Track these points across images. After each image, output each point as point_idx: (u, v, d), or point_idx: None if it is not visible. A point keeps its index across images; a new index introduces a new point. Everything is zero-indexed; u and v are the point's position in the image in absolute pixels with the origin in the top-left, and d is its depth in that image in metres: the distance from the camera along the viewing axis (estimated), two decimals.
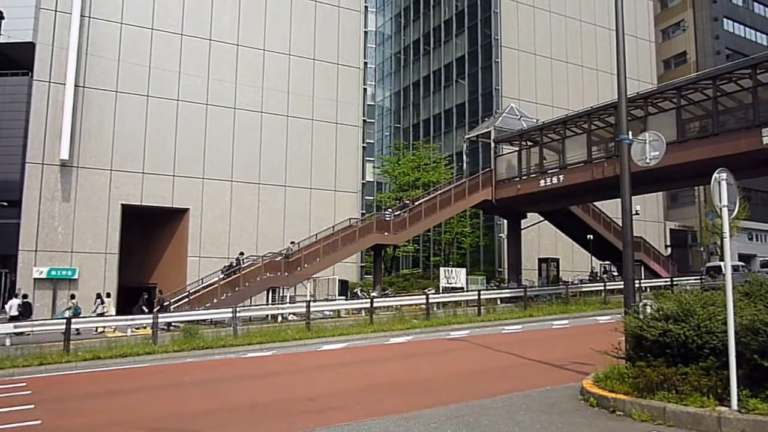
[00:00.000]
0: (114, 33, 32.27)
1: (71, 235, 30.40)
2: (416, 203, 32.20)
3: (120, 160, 31.85)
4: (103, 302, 26.19)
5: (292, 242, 29.55)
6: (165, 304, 25.09)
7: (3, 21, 27.43)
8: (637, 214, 30.10)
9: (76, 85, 30.64)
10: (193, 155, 33.70)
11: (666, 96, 24.81)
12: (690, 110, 24.16)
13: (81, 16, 31.11)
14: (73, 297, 27.01)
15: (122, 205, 31.68)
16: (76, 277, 30.14)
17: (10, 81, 40.75)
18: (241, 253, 28.85)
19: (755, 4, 59.61)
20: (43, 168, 30.17)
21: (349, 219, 32.68)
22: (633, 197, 11.63)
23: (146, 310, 24.52)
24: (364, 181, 40.41)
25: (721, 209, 7.32)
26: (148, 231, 35.10)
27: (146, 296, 26.91)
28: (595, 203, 34.15)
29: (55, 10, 30.93)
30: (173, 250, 34.51)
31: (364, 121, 40.78)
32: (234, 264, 27.70)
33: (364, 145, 40.86)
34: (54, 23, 30.84)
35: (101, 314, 24.88)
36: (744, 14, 58.21)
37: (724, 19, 55.92)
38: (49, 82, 30.54)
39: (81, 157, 30.94)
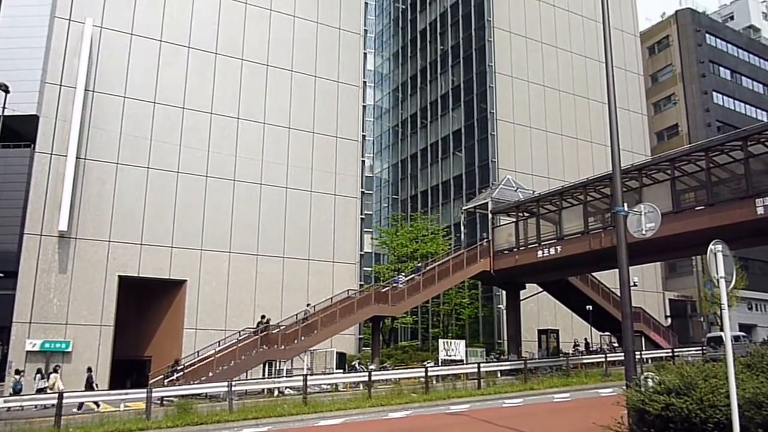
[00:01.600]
0: (117, 106, 32.94)
1: (66, 306, 30.12)
2: (428, 267, 32.16)
3: (118, 232, 31.91)
4: (44, 377, 25.62)
5: (308, 304, 29.83)
6: (179, 368, 24.99)
7: (8, 95, 27.94)
8: (635, 285, 29.94)
9: (77, 157, 31.01)
10: (191, 227, 33.81)
11: (660, 167, 25.15)
12: (684, 181, 24.45)
13: (85, 90, 31.81)
14: (55, 370, 26.32)
15: (119, 276, 31.54)
16: (69, 349, 29.66)
17: (12, 153, 41.35)
18: (263, 317, 28.82)
19: (743, 78, 61.33)
20: (41, 239, 30.19)
21: (347, 290, 32.49)
22: (631, 268, 11.63)
23: (95, 387, 24.46)
24: (362, 253, 40.40)
25: (718, 280, 7.32)
26: (144, 303, 34.80)
27: (90, 371, 26.27)
28: (593, 274, 34.08)
29: (60, 85, 31.67)
30: (169, 322, 34.13)
31: (363, 192, 41.18)
32: (261, 326, 27.68)
33: (363, 216, 41.10)
34: (58, 97, 31.52)
35: (41, 390, 24.25)
36: (733, 88, 59.80)
37: (714, 93, 57.41)
38: (51, 153, 30.95)
39: (79, 229, 31.00)
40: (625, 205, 11.96)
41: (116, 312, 31.25)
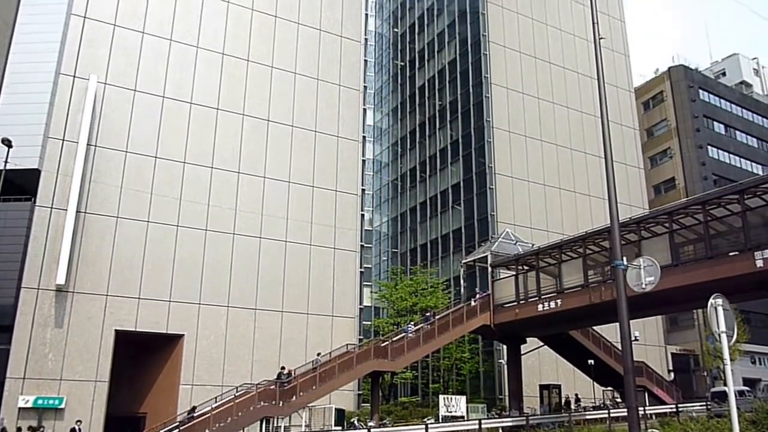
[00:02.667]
0: (118, 161, 33.24)
1: (61, 362, 29.71)
2: (437, 317, 31.92)
3: (116, 286, 31.75)
4: None
5: (318, 353, 29.88)
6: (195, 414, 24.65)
7: (11, 149, 28.29)
8: (636, 340, 29.67)
9: (77, 211, 31.10)
10: (190, 281, 33.67)
11: (658, 221, 25.24)
12: (683, 234, 24.50)
13: (87, 144, 32.14)
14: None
15: (116, 331, 31.22)
16: (62, 406, 29.12)
17: (12, 206, 41.50)
18: (283, 368, 28.55)
19: (737, 132, 62.22)
20: (38, 293, 30.01)
21: (346, 345, 32.13)
22: (631, 321, 11.56)
23: None
24: (361, 306, 40.16)
25: (719, 335, 7.27)
26: (140, 358, 34.35)
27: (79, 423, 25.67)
28: (594, 327, 33.79)
29: (63, 139, 32.03)
30: (165, 377, 33.61)
31: (362, 246, 41.22)
32: (282, 377, 27.38)
33: (362, 270, 41.01)
34: (60, 151, 31.83)
35: None
36: (727, 142, 60.60)
37: (709, 147, 58.16)
38: (51, 207, 31.06)
39: (77, 282, 30.86)
40: (625, 258, 11.98)
41: (111, 367, 30.82)
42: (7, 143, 28.17)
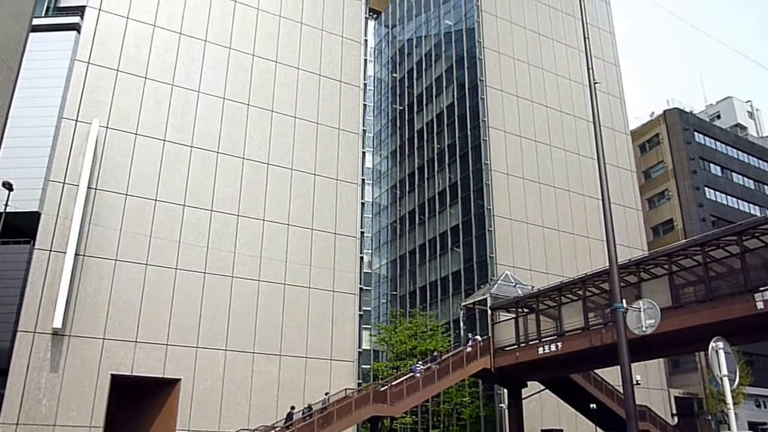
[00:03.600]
0: (118, 203, 33.34)
1: (56, 407, 29.25)
2: (444, 357, 31.62)
3: (113, 329, 31.49)
4: None
5: (326, 393, 30.22)
6: None
7: (11, 192, 28.42)
8: (638, 384, 29.37)
9: (76, 254, 31.04)
10: (187, 324, 33.41)
11: (658, 262, 25.24)
12: (682, 276, 24.47)
13: (88, 188, 32.28)
14: None
15: (112, 375, 30.84)
16: None
17: (10, 249, 41.37)
18: (293, 407, 28.58)
19: (733, 174, 62.68)
20: (35, 336, 29.73)
21: (345, 389, 31.72)
22: (633, 364, 11.46)
23: None
24: (360, 350, 39.72)
25: (721, 379, 7.21)
26: (135, 402, 33.84)
27: None
28: (596, 371, 33.44)
29: (64, 182, 32.17)
30: (161, 423, 33.05)
31: (361, 288, 41.01)
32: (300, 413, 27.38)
33: (361, 313, 40.72)
34: (61, 194, 31.94)
35: None
36: (724, 184, 60.99)
37: (706, 189, 58.53)
38: (50, 250, 31.01)
39: (74, 326, 30.61)
40: (624, 301, 11.93)
41: (106, 413, 30.34)
42: (8, 186, 28.33)
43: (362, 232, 43.56)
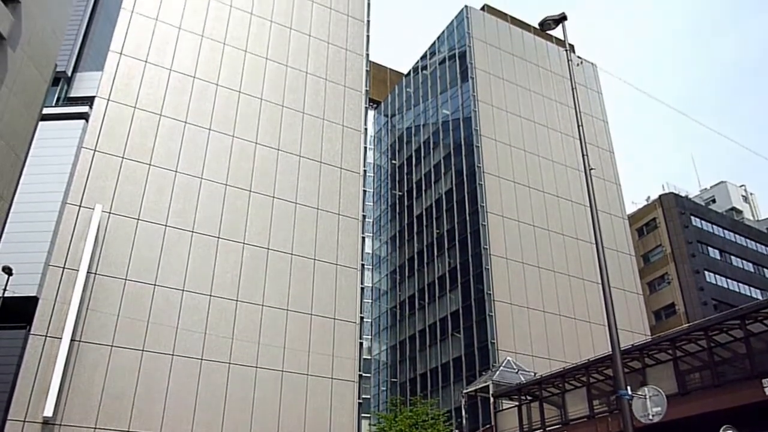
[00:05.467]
0: (117, 288, 33.21)
1: None
2: None
3: (105, 418, 30.64)
4: None
5: None
6: None
7: (11, 277, 28.44)
8: None
9: (72, 340, 30.66)
10: (182, 412, 32.55)
11: (661, 347, 24.95)
12: (687, 361, 24.13)
13: (87, 272, 32.26)
14: None
15: None
16: None
17: (6, 334, 40.90)
18: None
19: (732, 257, 62.83)
20: (24, 425, 28.88)
21: None
22: None
23: None
24: None
25: None
26: None
27: None
28: None
29: (63, 267, 32.17)
30: None
31: (360, 375, 40.26)
32: None
33: (360, 400, 39.77)
34: (60, 279, 31.87)
35: None
36: (723, 267, 61.03)
37: (706, 272, 58.52)
38: (46, 336, 30.61)
39: (65, 415, 29.80)
40: (629, 387, 11.74)
41: None
42: (8, 271, 28.37)
43: (362, 318, 43.19)
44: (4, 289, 27.75)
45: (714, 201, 75.52)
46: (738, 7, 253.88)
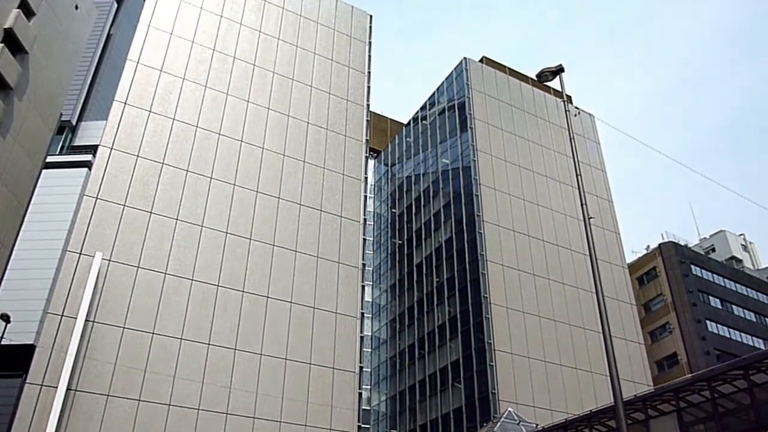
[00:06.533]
0: (115, 336, 32.97)
1: None
2: None
3: None
4: None
5: None
6: None
7: (8, 324, 28.29)
8: None
9: (68, 389, 30.28)
10: None
11: (664, 398, 24.66)
12: (691, 412, 23.82)
13: (85, 320, 32.07)
14: None
15: None
16: None
17: (1, 383, 40.46)
18: None
19: (734, 306, 62.52)
20: None
21: None
22: None
23: None
24: None
25: None
26: None
27: None
28: None
29: (62, 315, 32.01)
30: None
31: (360, 426, 39.60)
32: None
33: None
34: (58, 327, 31.67)
35: None
36: (725, 316, 60.67)
37: (708, 321, 58.13)
38: (41, 385, 30.25)
39: None
40: None
41: None
42: (5, 319, 28.23)
43: (361, 367, 42.74)
44: (1, 337, 27.58)
45: (714, 250, 75.59)
46: (740, 55, 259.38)
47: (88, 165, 47.41)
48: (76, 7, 41.79)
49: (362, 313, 43.98)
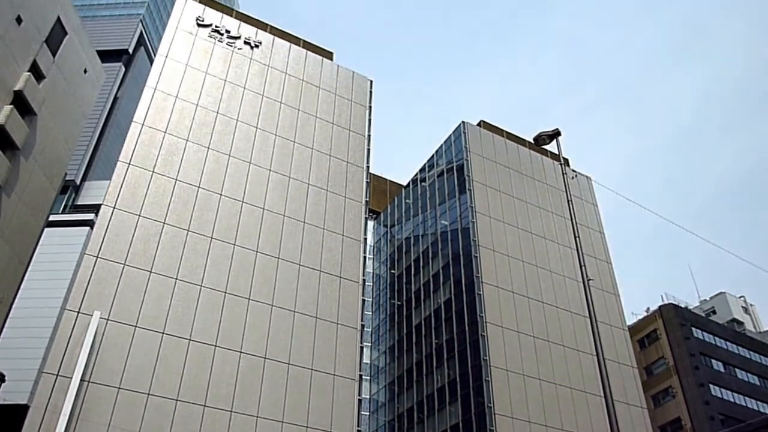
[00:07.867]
0: (110, 397, 32.51)
1: None
2: None
3: None
4: None
5: None
6: None
7: (3, 384, 27.97)
8: None
9: None
10: None
11: None
12: None
13: (81, 380, 31.70)
14: None
15: None
16: None
17: None
18: None
19: (737, 370, 61.79)
20: None
21: None
22: None
23: None
24: None
25: None
26: None
27: None
28: None
29: (57, 375, 31.64)
30: None
31: None
32: None
33: None
34: (52, 387, 31.26)
35: None
36: (728, 380, 59.87)
37: (711, 385, 57.34)
38: None
39: None
40: None
41: None
42: (1, 378, 27.92)
43: (359, 431, 41.99)
44: None
45: (714, 312, 75.19)
46: (741, 115, 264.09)
47: (90, 224, 47.75)
48: (85, 71, 42.95)
49: (360, 375, 43.48)
